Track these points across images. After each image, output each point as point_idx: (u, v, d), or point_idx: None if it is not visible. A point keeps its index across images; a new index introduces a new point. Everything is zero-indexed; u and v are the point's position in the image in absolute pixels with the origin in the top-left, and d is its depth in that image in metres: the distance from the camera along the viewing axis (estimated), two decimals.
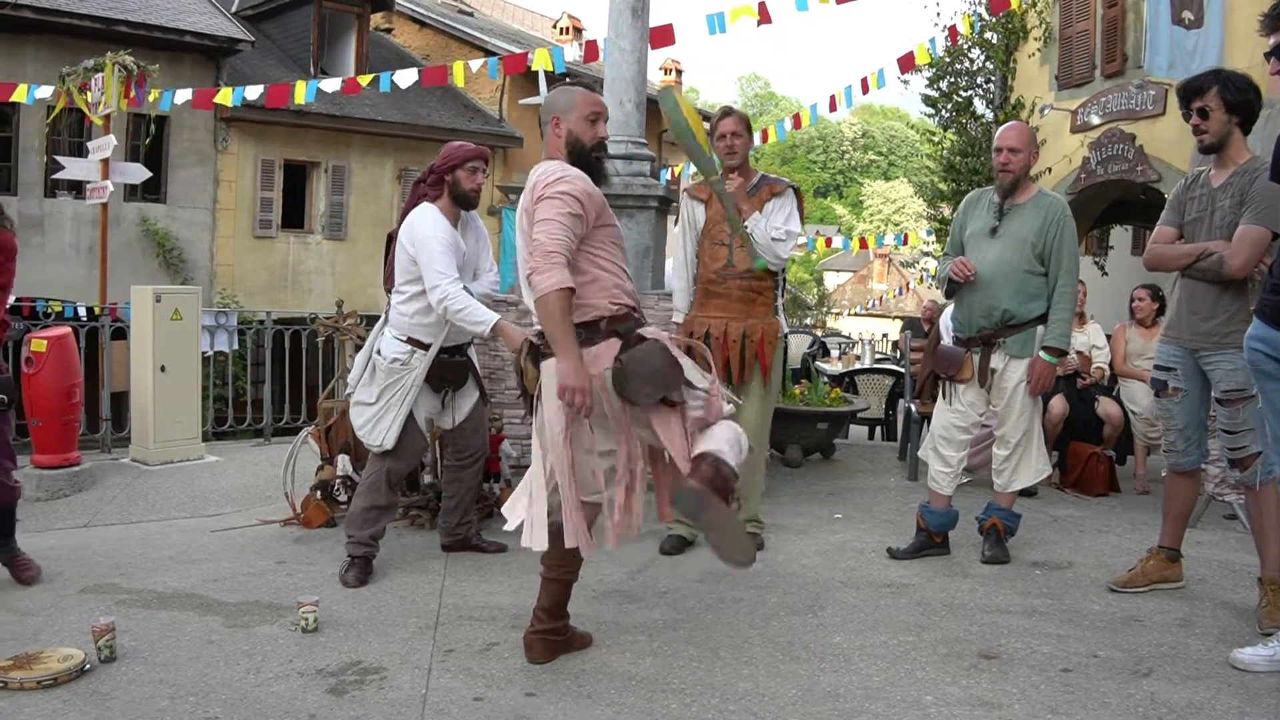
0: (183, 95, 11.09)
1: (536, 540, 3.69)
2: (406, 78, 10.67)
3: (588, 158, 3.79)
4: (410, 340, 4.98)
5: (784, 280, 5.66)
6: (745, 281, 5.44)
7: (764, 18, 9.20)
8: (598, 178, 3.81)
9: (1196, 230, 4.50)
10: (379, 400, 4.96)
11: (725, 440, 3.58)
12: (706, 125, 4.46)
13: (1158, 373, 4.70)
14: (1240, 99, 4.34)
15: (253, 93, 10.91)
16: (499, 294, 5.18)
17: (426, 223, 4.92)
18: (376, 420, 4.96)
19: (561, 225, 3.49)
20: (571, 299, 3.47)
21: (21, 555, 5.01)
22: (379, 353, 5.03)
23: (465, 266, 5.06)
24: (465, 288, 4.88)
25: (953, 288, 5.26)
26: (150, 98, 11.14)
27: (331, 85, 10.91)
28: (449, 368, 5.09)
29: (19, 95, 11.38)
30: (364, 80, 10.72)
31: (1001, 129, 5.25)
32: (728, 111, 5.63)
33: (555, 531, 3.67)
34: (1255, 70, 4.76)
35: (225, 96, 11.06)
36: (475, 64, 10.84)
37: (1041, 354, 5.06)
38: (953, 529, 5.46)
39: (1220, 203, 4.40)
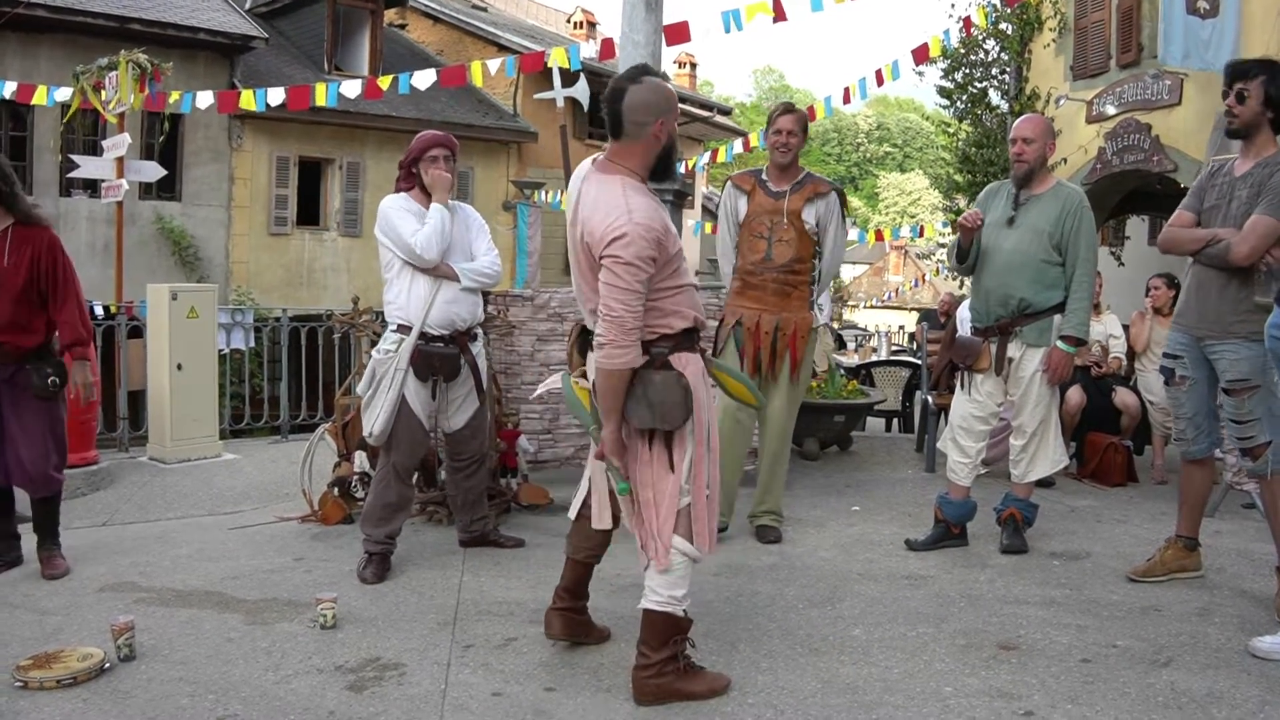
0: (204, 99, 11.06)
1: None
2: (425, 79, 10.65)
3: (670, 158, 3.58)
4: (399, 328, 5.00)
5: (820, 274, 5.60)
6: (782, 275, 5.42)
7: (779, 15, 9.16)
8: (672, 174, 3.69)
9: (1213, 217, 4.50)
10: (375, 392, 4.99)
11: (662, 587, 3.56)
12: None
13: (1166, 360, 4.71)
14: None
15: (275, 96, 10.89)
16: (493, 273, 5.13)
17: (384, 205, 5.04)
18: (369, 409, 4.99)
19: (637, 295, 3.31)
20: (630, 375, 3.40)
21: (57, 555, 5.08)
22: (376, 350, 5.08)
23: (453, 250, 5.05)
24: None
25: (963, 253, 5.24)
26: (172, 98, 11.14)
27: (353, 89, 10.88)
28: (435, 356, 4.99)
29: (39, 98, 11.37)
30: (384, 83, 10.68)
31: (1018, 120, 5.24)
32: (788, 109, 5.56)
33: (585, 515, 3.82)
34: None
35: (248, 100, 11.03)
36: (493, 64, 10.79)
37: (1058, 343, 5.05)
38: (971, 520, 5.46)
39: (1239, 192, 4.39)
